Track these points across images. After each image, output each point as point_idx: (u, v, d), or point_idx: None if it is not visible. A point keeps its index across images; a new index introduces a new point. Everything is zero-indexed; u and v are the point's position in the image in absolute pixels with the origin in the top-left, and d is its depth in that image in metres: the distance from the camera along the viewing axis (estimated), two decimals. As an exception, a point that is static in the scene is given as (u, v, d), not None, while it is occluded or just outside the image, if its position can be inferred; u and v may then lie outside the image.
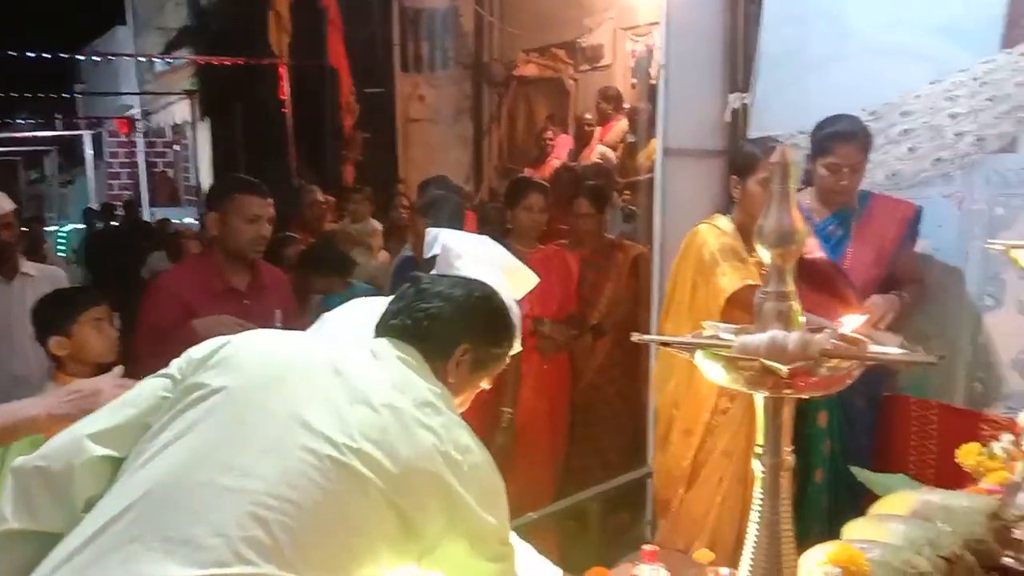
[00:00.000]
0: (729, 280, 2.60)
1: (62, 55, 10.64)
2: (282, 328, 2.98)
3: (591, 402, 3.98)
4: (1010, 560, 1.55)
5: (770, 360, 0.86)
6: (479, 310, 1.57)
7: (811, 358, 0.86)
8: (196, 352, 1.41)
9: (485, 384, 1.65)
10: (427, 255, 2.06)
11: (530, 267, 3.65)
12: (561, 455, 3.83)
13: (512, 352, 1.67)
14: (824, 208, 2.88)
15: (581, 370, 3.97)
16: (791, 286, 0.92)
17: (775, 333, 0.86)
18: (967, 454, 2.15)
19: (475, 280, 1.64)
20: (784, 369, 0.85)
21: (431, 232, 2.10)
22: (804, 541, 1.58)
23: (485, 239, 2.12)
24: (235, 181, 2.97)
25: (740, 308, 2.50)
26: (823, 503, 2.82)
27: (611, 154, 6.55)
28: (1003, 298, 2.88)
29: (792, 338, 0.86)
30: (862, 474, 2.39)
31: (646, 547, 1.73)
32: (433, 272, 1.70)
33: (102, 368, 2.32)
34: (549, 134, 7.31)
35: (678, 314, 2.83)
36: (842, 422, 2.85)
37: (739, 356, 0.88)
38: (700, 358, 0.93)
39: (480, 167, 8.25)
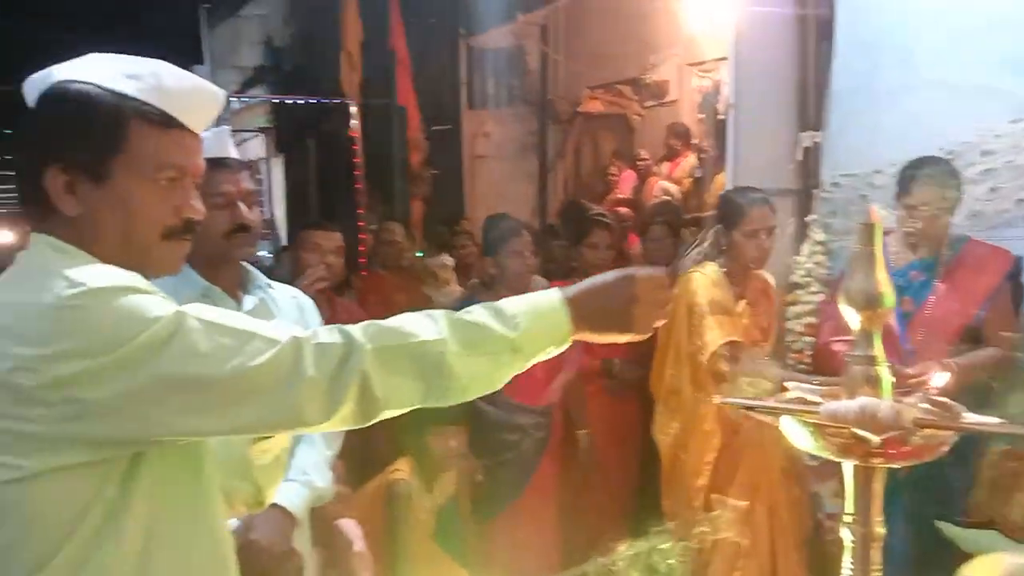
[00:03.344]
0: (714, 336, 2.77)
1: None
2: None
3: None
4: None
5: (860, 429, 0.83)
6: None
7: (903, 428, 0.83)
8: None
9: None
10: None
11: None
12: (629, 500, 3.76)
13: None
14: (909, 252, 2.81)
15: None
16: (879, 350, 0.90)
17: (865, 401, 0.84)
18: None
19: None
20: (876, 439, 0.82)
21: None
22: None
23: None
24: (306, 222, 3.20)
25: (722, 360, 2.73)
26: (904, 555, 2.71)
27: (674, 189, 6.52)
28: (1096, 344, 2.76)
29: (883, 407, 0.83)
30: (950, 530, 2.30)
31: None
32: None
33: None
34: (613, 170, 7.32)
35: (678, 360, 2.94)
36: (924, 473, 2.75)
37: (827, 423, 0.86)
38: (785, 423, 0.91)
39: (545, 203, 8.28)
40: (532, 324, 1.13)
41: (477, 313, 1.13)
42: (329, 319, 3.05)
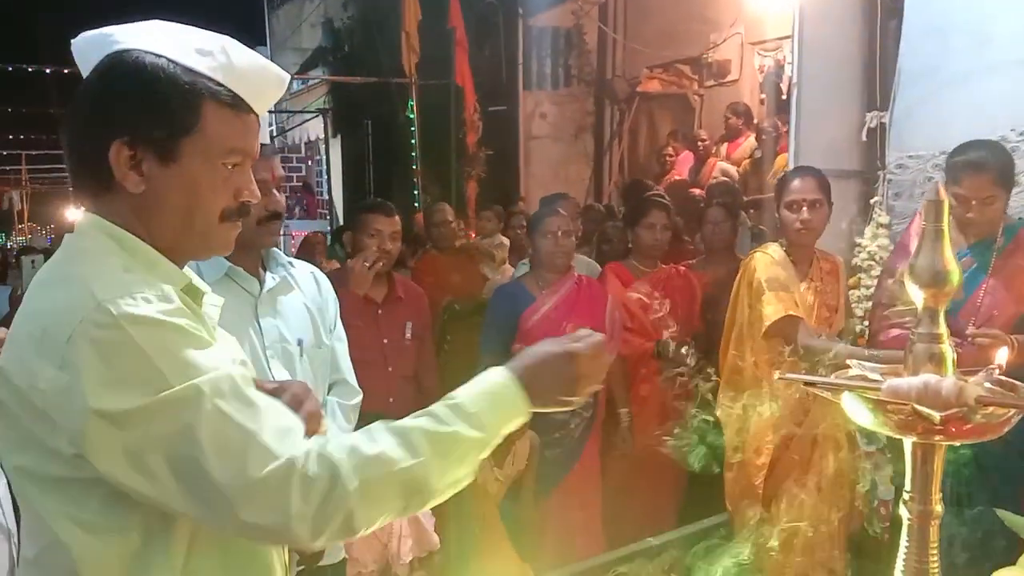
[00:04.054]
0: (772, 309, 2.81)
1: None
2: (410, 339, 3.16)
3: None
4: None
5: (922, 406, 0.83)
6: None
7: (966, 405, 0.82)
8: None
9: None
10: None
11: (652, 286, 3.69)
12: (684, 483, 3.75)
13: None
14: (960, 238, 2.68)
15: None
16: (943, 328, 0.89)
17: (928, 378, 0.84)
18: None
19: None
20: (937, 416, 0.82)
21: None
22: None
23: None
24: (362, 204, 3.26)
25: (780, 336, 2.77)
26: (962, 542, 2.65)
27: (733, 171, 6.44)
28: None
29: (946, 384, 0.83)
30: (1008, 517, 2.25)
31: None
32: None
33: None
34: (669, 150, 7.25)
35: (740, 339, 2.98)
36: (971, 458, 2.68)
37: (888, 400, 0.85)
38: (846, 399, 0.91)
39: (600, 184, 8.25)
40: (495, 416, 1.12)
41: (443, 418, 1.10)
42: (387, 294, 3.11)
